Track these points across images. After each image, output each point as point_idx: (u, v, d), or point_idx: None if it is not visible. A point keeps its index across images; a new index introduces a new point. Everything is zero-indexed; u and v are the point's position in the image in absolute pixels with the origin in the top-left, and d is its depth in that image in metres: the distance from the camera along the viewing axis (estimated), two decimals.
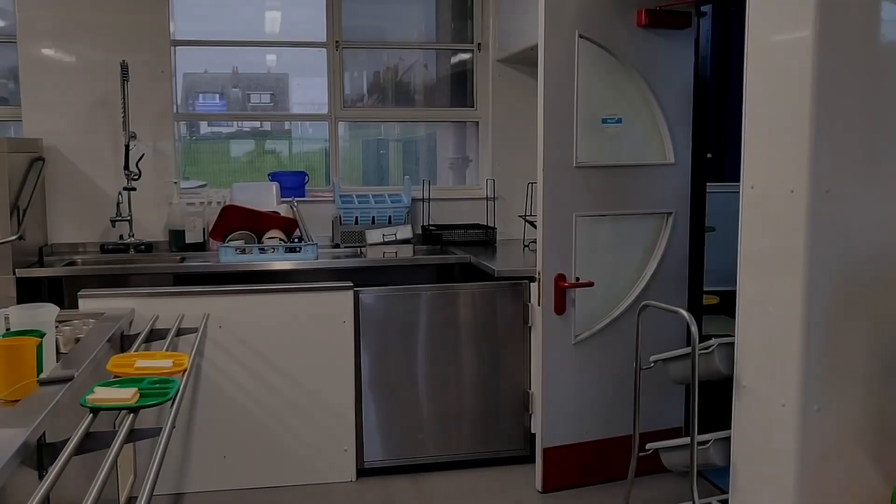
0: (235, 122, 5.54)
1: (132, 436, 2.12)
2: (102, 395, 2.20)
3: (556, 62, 3.43)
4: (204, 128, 5.47)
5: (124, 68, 4.43)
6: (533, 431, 3.82)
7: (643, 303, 2.91)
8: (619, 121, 3.56)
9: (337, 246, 4.79)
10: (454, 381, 3.93)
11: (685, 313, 2.65)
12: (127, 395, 2.20)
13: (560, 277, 3.51)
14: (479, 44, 5.22)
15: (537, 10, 3.50)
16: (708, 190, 3.87)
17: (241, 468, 3.72)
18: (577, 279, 3.54)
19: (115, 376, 2.45)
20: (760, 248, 2.42)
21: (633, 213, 3.63)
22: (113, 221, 4.54)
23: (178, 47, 4.88)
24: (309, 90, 5.55)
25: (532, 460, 3.78)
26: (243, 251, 4.19)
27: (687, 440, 2.74)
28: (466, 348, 3.93)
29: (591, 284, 3.53)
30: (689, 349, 2.69)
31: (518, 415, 3.98)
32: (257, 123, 5.53)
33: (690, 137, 3.69)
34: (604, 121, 3.54)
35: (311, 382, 3.74)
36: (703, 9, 3.63)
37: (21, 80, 4.58)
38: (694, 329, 2.59)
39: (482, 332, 3.94)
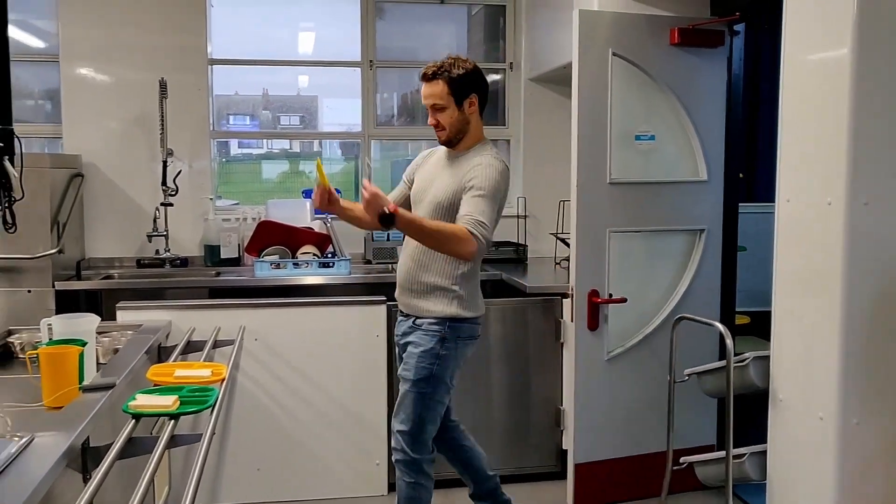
0: (266, 144, 5.61)
1: (173, 442, 2.16)
2: (144, 401, 2.25)
3: (590, 80, 3.46)
4: (234, 149, 5.55)
5: (163, 86, 4.52)
6: (565, 447, 3.82)
7: (678, 316, 2.91)
8: (652, 138, 3.58)
9: (369, 262, 4.82)
10: (486, 396, 3.94)
11: (720, 326, 2.66)
12: (168, 402, 2.24)
13: (593, 293, 3.52)
14: (510, 63, 5.26)
15: (569, 30, 3.54)
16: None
17: (273, 480, 3.75)
18: (610, 295, 3.54)
19: (156, 385, 2.49)
20: (796, 260, 2.42)
21: (665, 229, 3.64)
22: (149, 236, 4.62)
23: (213, 66, 4.97)
24: (338, 111, 5.61)
25: (563, 476, 3.77)
26: (278, 266, 4.24)
27: (722, 454, 2.73)
28: (498, 364, 3.95)
29: (623, 300, 3.53)
30: (723, 362, 2.69)
31: (549, 431, 3.98)
32: (287, 145, 5.60)
33: (723, 155, 3.70)
34: (637, 137, 3.56)
35: (344, 395, 3.77)
36: (735, 27, 3.64)
37: (62, 98, 4.69)
38: (729, 342, 2.59)
39: (514, 348, 3.95)
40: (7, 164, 1.98)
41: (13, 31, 4.88)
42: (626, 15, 3.51)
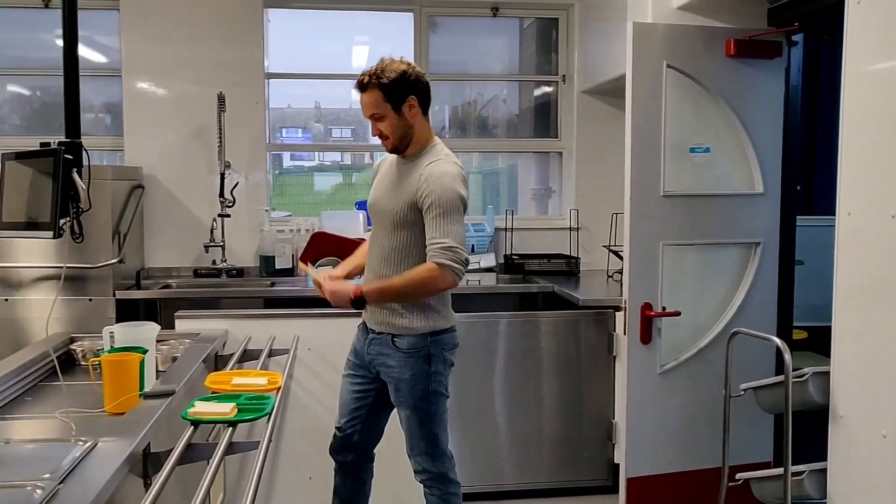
0: (318, 157, 5.68)
1: (230, 449, 2.19)
2: (202, 409, 2.29)
3: (644, 92, 3.44)
4: (287, 161, 5.63)
5: (221, 99, 4.61)
6: (616, 461, 3.78)
7: (734, 330, 2.87)
8: (707, 150, 3.54)
9: None
10: (537, 409, 3.93)
11: (778, 340, 2.61)
12: (226, 409, 2.28)
13: (646, 306, 3.49)
14: (563, 75, 5.26)
15: (622, 42, 3.53)
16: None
17: (325, 489, 3.75)
18: (664, 308, 3.51)
19: (213, 392, 2.54)
20: (858, 274, 2.38)
21: (720, 242, 3.59)
22: (206, 247, 4.71)
23: (269, 80, 5.06)
24: None
25: (614, 490, 3.74)
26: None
27: (780, 471, 2.68)
28: (549, 376, 3.94)
29: (677, 314, 3.50)
30: (781, 377, 2.64)
31: (601, 444, 3.95)
32: (338, 157, 5.67)
33: (780, 167, 3.64)
34: (691, 150, 3.53)
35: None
36: (794, 38, 3.59)
37: (124, 111, 4.82)
38: (788, 356, 2.54)
39: (565, 361, 3.94)
40: (75, 176, 2.05)
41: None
42: (681, 27, 3.49)
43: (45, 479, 1.66)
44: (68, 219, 2.07)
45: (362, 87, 2.84)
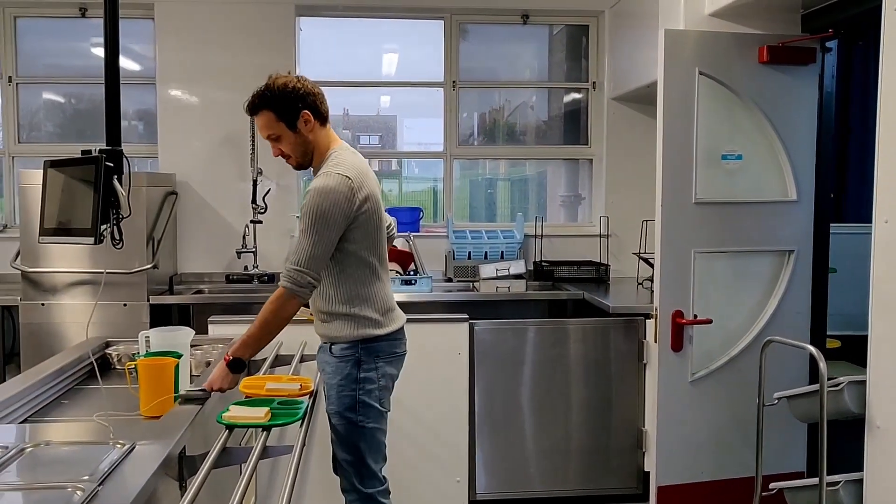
0: None
1: (264, 453, 2.21)
2: (237, 413, 2.32)
3: (676, 99, 3.43)
4: None
5: None
6: (646, 469, 3.76)
7: (767, 338, 2.85)
8: (740, 157, 3.52)
9: (450, 280, 4.86)
10: (566, 415, 3.93)
11: (812, 349, 2.59)
12: (260, 413, 2.31)
13: (677, 314, 3.47)
14: (593, 82, 5.26)
15: (653, 49, 3.52)
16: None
17: None
18: (695, 316, 3.49)
19: (247, 396, 2.57)
20: (894, 283, 2.35)
21: (753, 250, 3.56)
22: (238, 253, 4.76)
23: None
24: (417, 131, 5.70)
25: (644, 499, 3.72)
26: None
27: (815, 480, 2.66)
28: (579, 383, 3.93)
29: (709, 322, 3.48)
30: (815, 386, 2.62)
31: (630, 452, 3.93)
32: None
33: (814, 174, 3.61)
34: (723, 157, 3.50)
35: (426, 412, 3.80)
36: (828, 44, 3.56)
37: (158, 119, 4.89)
38: (822, 365, 2.52)
39: (595, 368, 3.93)
40: (116, 183, 2.08)
41: None
42: (713, 34, 3.47)
43: (85, 480, 1.69)
44: (108, 225, 2.11)
45: (253, 109, 2.74)
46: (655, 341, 3.51)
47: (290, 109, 2.69)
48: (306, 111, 2.71)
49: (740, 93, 3.48)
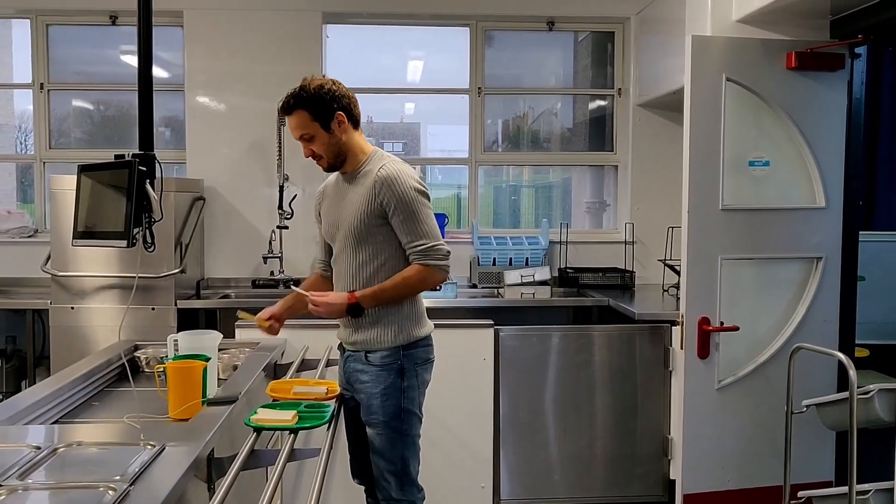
0: None
1: (291, 456, 2.23)
2: (265, 416, 2.33)
3: (703, 105, 3.42)
4: None
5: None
6: (672, 477, 3.74)
7: (796, 345, 2.82)
8: (767, 163, 3.50)
9: (474, 286, 4.87)
10: (591, 422, 3.92)
11: (842, 356, 2.57)
12: (287, 416, 2.32)
13: (704, 321, 3.46)
14: (619, 89, 5.25)
15: (680, 55, 3.52)
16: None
17: None
18: (722, 323, 3.47)
19: (274, 400, 2.59)
20: None
21: (780, 256, 3.54)
22: (265, 258, 4.79)
23: None
24: (440, 137, 5.71)
25: None
26: None
27: (845, 489, 2.63)
28: (604, 390, 3.92)
29: (735, 329, 3.46)
30: (845, 394, 2.59)
31: (656, 460, 3.91)
32: None
33: (842, 181, 3.58)
34: (751, 163, 3.49)
35: (451, 417, 3.80)
36: (857, 50, 3.54)
37: (187, 125, 4.94)
38: (852, 372, 2.50)
39: (621, 375, 3.92)
40: (148, 187, 2.12)
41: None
42: (740, 39, 3.46)
43: (116, 480, 1.71)
44: (141, 228, 2.14)
45: (287, 109, 2.74)
46: (682, 348, 3.50)
47: (324, 110, 2.70)
48: (340, 112, 2.72)
49: (768, 99, 3.47)
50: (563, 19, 5.23)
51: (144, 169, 2.11)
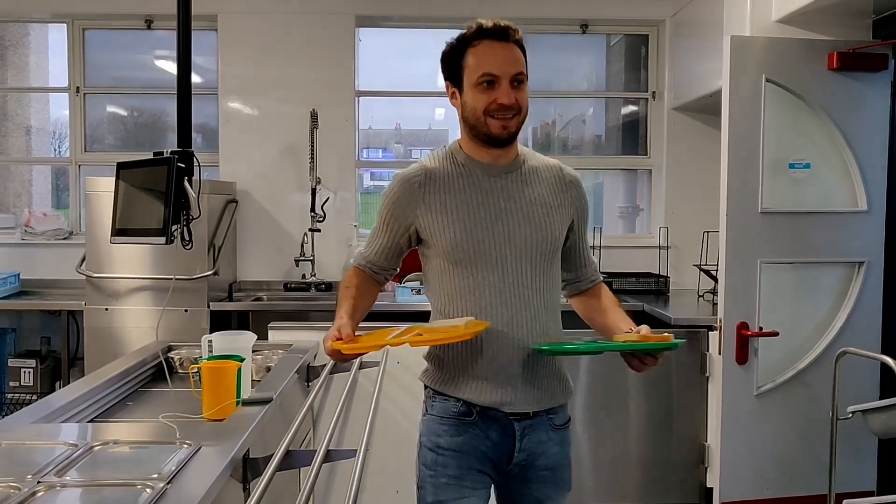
0: None
1: (328, 456, 2.21)
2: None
3: (742, 106, 3.36)
4: (366, 181, 5.69)
5: (314, 116, 4.70)
6: (709, 485, 3.69)
7: (841, 349, 2.76)
8: (807, 166, 3.44)
9: None
10: (627, 428, 3.86)
11: (889, 360, 2.50)
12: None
13: (742, 326, 3.40)
14: (653, 92, 5.20)
15: (714, 59, 3.49)
16: None
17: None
18: (761, 328, 3.41)
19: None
20: None
21: (822, 261, 3.47)
22: (297, 261, 4.79)
23: (359, 98, 5.13)
24: None
25: None
26: (419, 291, 4.30)
27: (893, 498, 2.56)
28: (639, 396, 3.86)
29: (775, 334, 3.39)
30: (894, 400, 2.53)
31: (692, 467, 3.85)
32: None
33: (885, 184, 3.51)
34: (791, 165, 3.43)
35: None
36: None
37: (220, 128, 4.96)
38: None
39: (656, 381, 3.86)
40: (186, 184, 2.11)
41: (172, 67, 5.22)
42: (781, 40, 3.40)
43: (153, 479, 1.70)
44: (179, 226, 2.13)
45: (509, 34, 2.02)
46: (720, 354, 3.44)
47: (526, 62, 2.07)
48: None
49: (809, 100, 3.41)
50: (596, 22, 5.19)
51: (183, 166, 2.10)
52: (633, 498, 3.89)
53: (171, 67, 5.28)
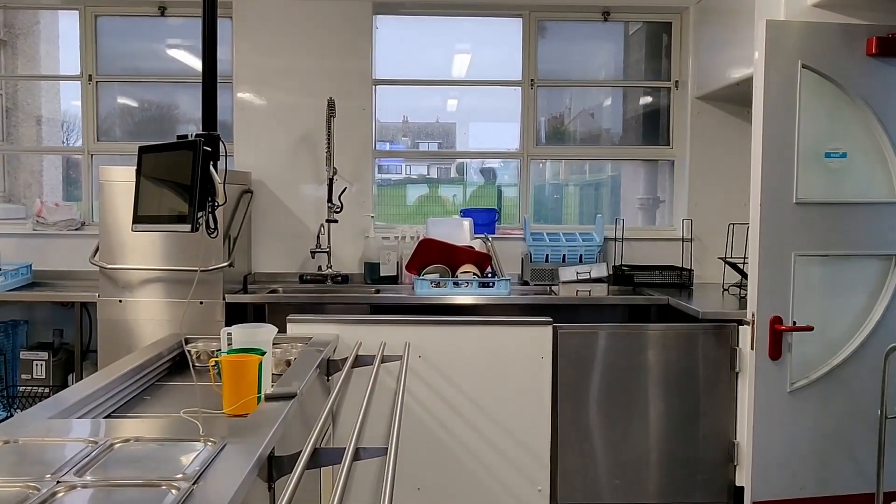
0: (405, 169, 5.63)
1: (357, 455, 2.12)
2: None
3: (776, 94, 3.26)
4: (377, 173, 5.59)
5: (331, 105, 4.60)
6: (739, 484, 3.59)
7: (891, 346, 2.66)
8: (844, 155, 3.33)
9: (526, 283, 4.74)
10: (653, 425, 3.76)
11: None
12: None
13: (776, 320, 3.29)
14: (676, 81, 5.09)
15: (741, 46, 3.39)
16: None
17: (433, 500, 3.68)
18: (794, 323, 3.31)
19: None
20: None
21: (857, 253, 3.36)
22: (313, 253, 4.71)
23: (376, 87, 5.03)
24: (482, 136, 5.54)
25: None
26: (438, 284, 4.21)
27: None
28: (666, 392, 3.76)
29: (809, 329, 3.29)
30: None
31: (721, 465, 3.75)
32: (424, 170, 5.62)
33: None
34: (827, 155, 3.32)
35: (508, 417, 3.68)
36: None
37: (234, 118, 4.86)
38: None
39: (684, 376, 3.76)
40: (212, 170, 2.01)
41: (184, 56, 5.13)
42: (818, 24, 3.29)
43: (178, 479, 1.62)
44: (204, 212, 2.03)
45: None
46: (752, 349, 3.34)
47: None
48: None
49: (846, 87, 3.30)
50: (618, 9, 5.08)
51: (209, 150, 2.01)
52: (660, 496, 3.79)
53: (183, 57, 5.19)
